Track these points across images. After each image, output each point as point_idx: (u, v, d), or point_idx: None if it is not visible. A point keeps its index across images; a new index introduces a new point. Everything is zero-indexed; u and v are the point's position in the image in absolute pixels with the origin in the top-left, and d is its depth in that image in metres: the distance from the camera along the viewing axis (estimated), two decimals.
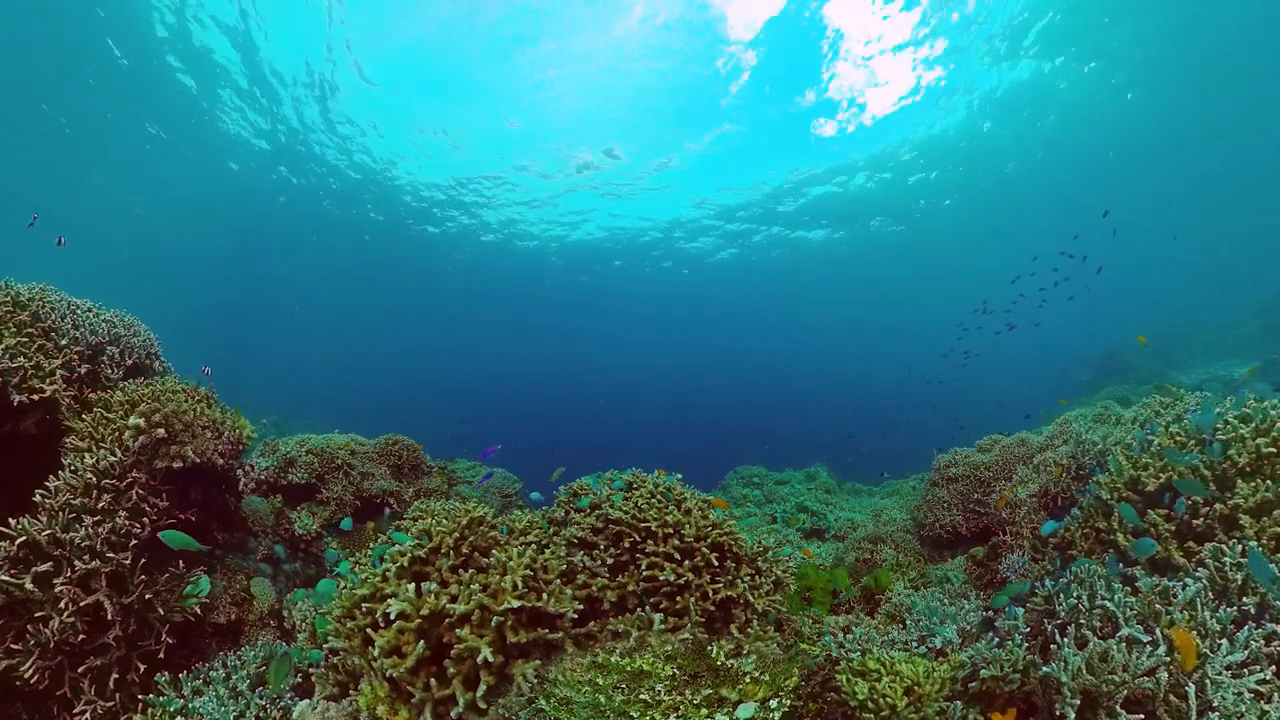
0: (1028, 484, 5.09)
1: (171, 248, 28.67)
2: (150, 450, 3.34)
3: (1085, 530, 3.37)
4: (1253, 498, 2.74)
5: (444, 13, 14.31)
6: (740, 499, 9.73)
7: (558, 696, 2.22)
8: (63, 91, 16.73)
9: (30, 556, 2.82)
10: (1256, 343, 18.24)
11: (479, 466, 7.37)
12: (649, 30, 14.82)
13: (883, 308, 39.81)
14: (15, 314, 3.48)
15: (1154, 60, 15.74)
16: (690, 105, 17.57)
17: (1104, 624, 2.37)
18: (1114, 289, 30.69)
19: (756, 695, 2.10)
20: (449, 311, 42.32)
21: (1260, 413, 3.04)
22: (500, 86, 16.81)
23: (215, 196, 23.02)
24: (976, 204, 23.54)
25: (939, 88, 16.63)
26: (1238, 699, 1.99)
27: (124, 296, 4.68)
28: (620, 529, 3.13)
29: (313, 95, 17.10)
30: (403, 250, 28.72)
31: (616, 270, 31.50)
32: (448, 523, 2.96)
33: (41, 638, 2.72)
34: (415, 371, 69.33)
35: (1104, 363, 21.18)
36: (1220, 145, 19.62)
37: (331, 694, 2.78)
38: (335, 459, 5.35)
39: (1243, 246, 28.02)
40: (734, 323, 43.88)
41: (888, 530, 6.29)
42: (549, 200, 23.51)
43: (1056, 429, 5.76)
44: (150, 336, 4.32)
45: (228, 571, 3.96)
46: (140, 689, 3.00)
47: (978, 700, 2.41)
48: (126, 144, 19.35)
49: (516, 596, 2.58)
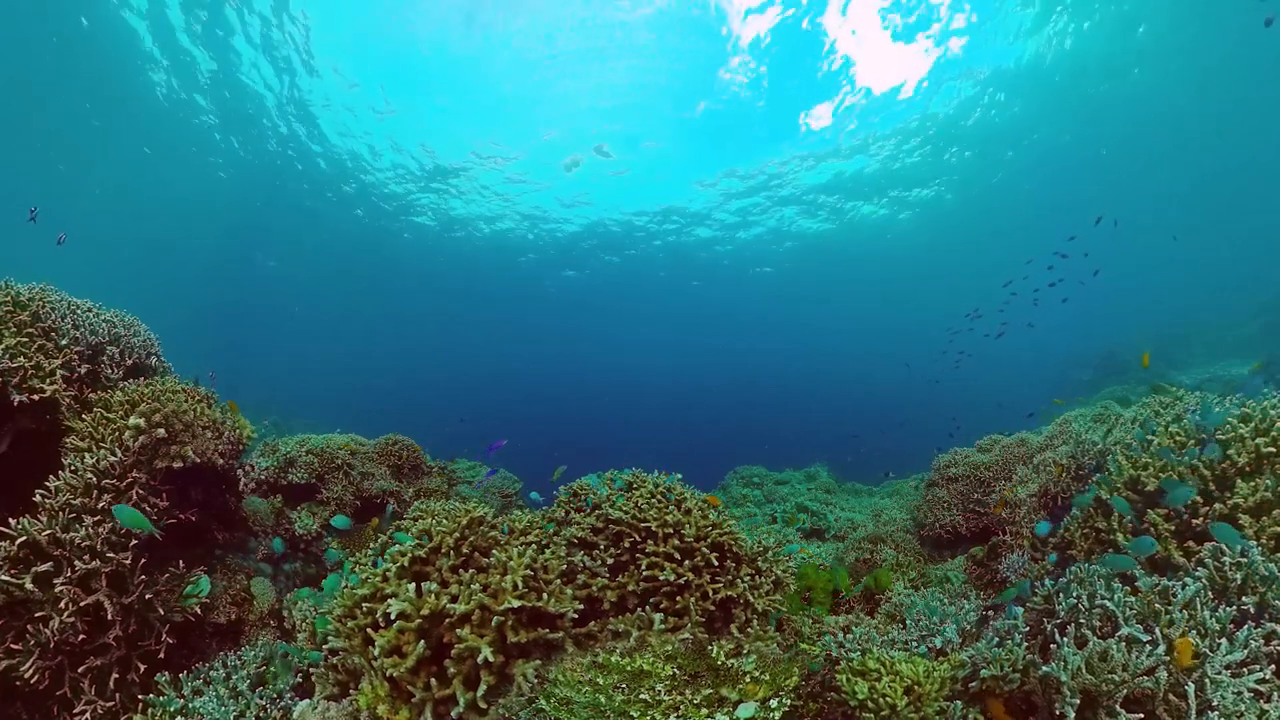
0: (1028, 484, 5.09)
1: (172, 248, 28.67)
2: (150, 450, 3.34)
3: (1085, 530, 3.37)
4: (1252, 497, 2.74)
5: (445, 14, 14.34)
6: (740, 499, 9.73)
7: (558, 696, 2.22)
8: (62, 92, 16.75)
9: (30, 556, 2.82)
10: (1256, 343, 18.23)
11: (479, 466, 7.37)
12: (644, 18, 14.78)
13: (883, 307, 39.80)
14: (15, 314, 3.48)
15: (1154, 61, 15.75)
16: (685, 100, 17.57)
17: (1104, 623, 2.37)
18: (1114, 289, 30.69)
19: (757, 695, 2.10)
20: (449, 311, 42.33)
21: (1260, 412, 3.04)
22: (499, 86, 16.82)
23: (215, 196, 23.03)
24: (976, 201, 23.51)
25: (940, 78, 16.57)
26: (1237, 698, 1.99)
27: (124, 296, 4.68)
28: (620, 529, 3.13)
29: (303, 95, 17.11)
30: (401, 250, 28.73)
31: (614, 267, 31.50)
32: (448, 523, 2.96)
33: (41, 638, 2.72)
34: (415, 371, 69.29)
35: (1104, 363, 21.17)
36: (1220, 145, 19.62)
37: (331, 694, 2.78)
38: (335, 459, 5.35)
39: (1243, 246, 28.01)
40: (734, 323, 43.86)
41: (888, 530, 6.30)
42: (546, 198, 23.52)
43: (1056, 429, 5.76)
44: (150, 336, 4.32)
45: (228, 571, 3.96)
46: (140, 689, 3.00)
47: (978, 700, 2.41)
48: (127, 144, 19.37)
49: (517, 596, 2.58)
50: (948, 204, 23.92)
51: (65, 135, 18.69)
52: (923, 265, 30.30)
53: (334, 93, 16.97)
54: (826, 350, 56.79)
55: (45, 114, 17.53)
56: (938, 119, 18.42)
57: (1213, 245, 28.34)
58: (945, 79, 16.51)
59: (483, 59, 15.89)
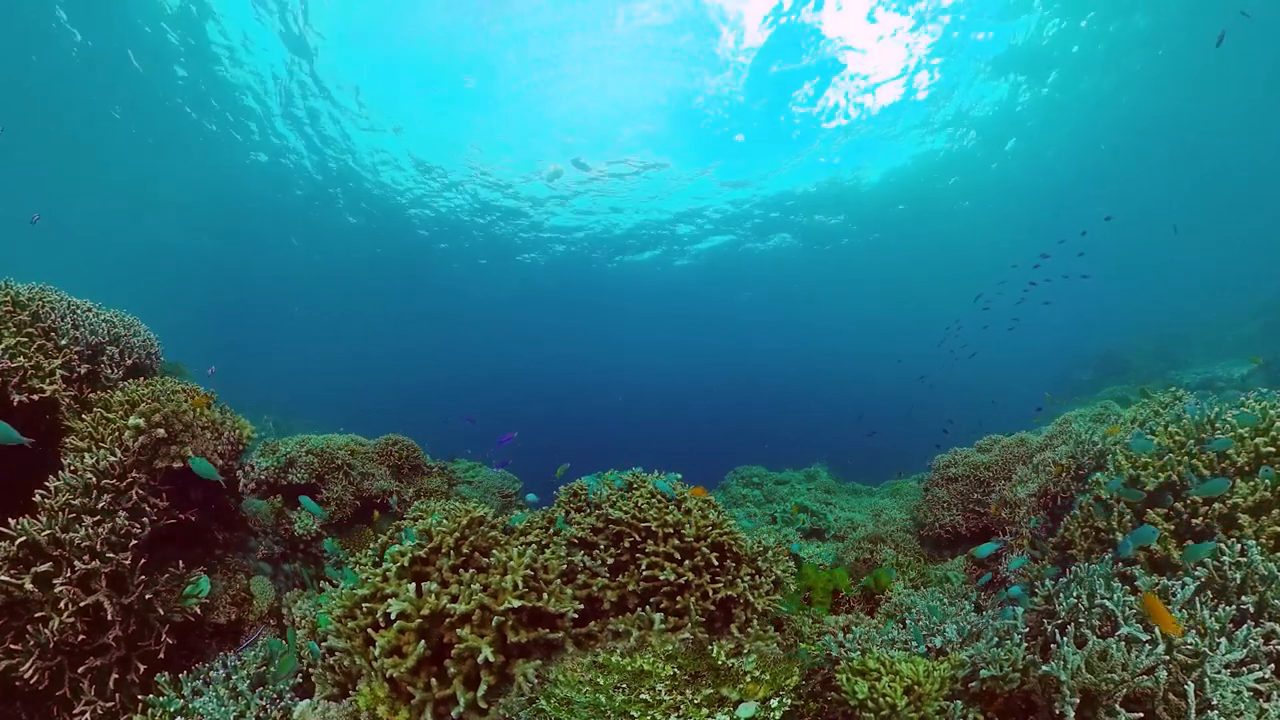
0: (1027, 484, 5.09)
1: (172, 248, 28.67)
2: (150, 450, 3.34)
3: (1085, 530, 3.37)
4: (1251, 496, 2.74)
5: (446, 15, 14.34)
6: (740, 499, 9.73)
7: (558, 696, 2.22)
8: (62, 93, 16.75)
9: (30, 557, 2.82)
10: (1256, 343, 18.24)
11: (479, 467, 7.37)
12: (645, 28, 14.81)
13: (883, 307, 39.83)
14: (15, 314, 3.48)
15: (1154, 59, 15.75)
16: (686, 105, 17.57)
17: (1103, 623, 2.37)
18: (1114, 289, 30.68)
19: (757, 694, 2.10)
20: (448, 312, 42.35)
21: (1259, 412, 3.04)
22: (496, 86, 16.83)
23: (215, 196, 23.04)
24: (977, 196, 23.49)
25: (936, 81, 16.58)
26: (1236, 697, 2.00)
27: (124, 296, 4.68)
28: (620, 529, 3.13)
29: (308, 96, 17.12)
30: (401, 251, 28.73)
31: (612, 269, 31.53)
32: (448, 523, 2.96)
33: (41, 638, 2.72)
34: (415, 371, 69.32)
35: (1104, 363, 21.19)
36: (1220, 145, 19.63)
37: (331, 694, 2.78)
38: (335, 459, 5.35)
39: (1243, 246, 28.02)
40: (734, 323, 43.89)
41: (887, 530, 6.30)
42: (544, 201, 23.55)
43: (1056, 429, 5.76)
44: (150, 336, 4.32)
45: (227, 571, 3.96)
46: (140, 689, 3.00)
47: (978, 700, 2.41)
48: (126, 143, 19.37)
49: (517, 596, 2.58)
50: (949, 201, 23.92)
51: (69, 134, 18.68)
52: (924, 264, 30.34)
53: (334, 93, 16.99)
54: (827, 350, 56.84)
55: (46, 115, 17.52)
56: (937, 119, 18.44)
57: (1213, 245, 28.36)
58: (945, 72, 16.49)
59: (483, 60, 15.90)
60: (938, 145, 20.12)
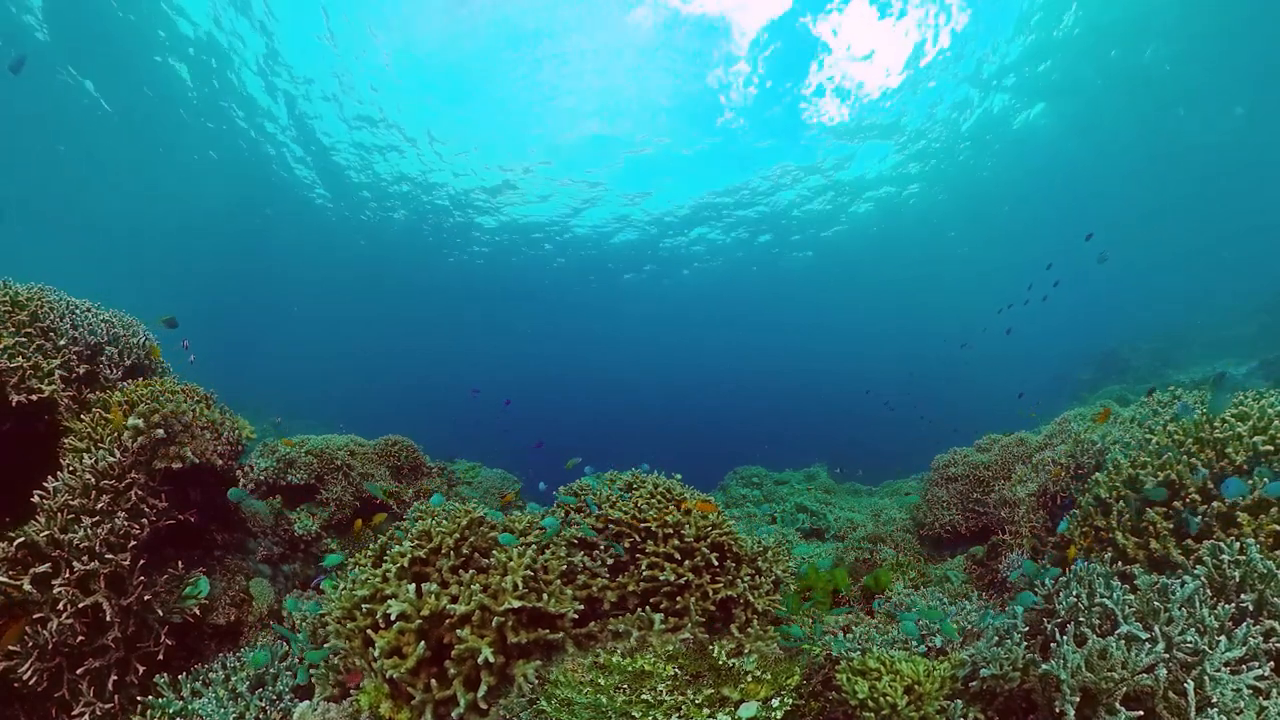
0: (1027, 483, 5.09)
1: (172, 247, 28.67)
2: (149, 451, 3.34)
3: (1084, 529, 3.37)
4: (1250, 495, 2.74)
5: (447, 17, 14.36)
6: (740, 499, 9.72)
7: (559, 697, 2.21)
8: (62, 92, 16.74)
9: (28, 558, 2.81)
10: (1256, 343, 18.25)
11: (479, 467, 7.36)
12: (647, 30, 14.85)
13: (884, 307, 39.82)
14: (13, 314, 3.47)
15: (1153, 60, 15.76)
16: (685, 105, 17.59)
17: (1103, 621, 2.37)
18: (1113, 288, 30.68)
19: (758, 694, 2.10)
20: (448, 312, 42.35)
21: (1258, 411, 3.04)
22: (497, 88, 16.83)
23: (216, 196, 23.03)
24: (977, 193, 23.50)
25: (931, 85, 16.62)
26: (1236, 695, 2.00)
27: (124, 296, 4.67)
28: (620, 529, 3.13)
29: (315, 97, 17.12)
30: (401, 251, 28.73)
31: (611, 270, 31.52)
32: (448, 523, 2.95)
33: (40, 639, 2.71)
34: (415, 371, 69.31)
35: (1104, 362, 21.20)
36: (1220, 145, 19.63)
37: (332, 694, 2.77)
38: (335, 460, 5.35)
39: (1242, 247, 28.03)
40: (733, 323, 43.90)
41: (887, 530, 6.30)
42: (548, 200, 23.54)
43: (1055, 428, 5.76)
44: (150, 337, 4.31)
45: (227, 572, 3.96)
46: (139, 690, 2.99)
47: (978, 699, 2.41)
48: (126, 144, 19.35)
49: (517, 597, 2.58)
50: (944, 201, 23.94)
51: (72, 134, 18.66)
52: (924, 264, 30.32)
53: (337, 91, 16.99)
54: (827, 350, 56.84)
55: (48, 113, 17.50)
56: (935, 118, 18.45)
57: (1212, 245, 28.37)
58: (942, 75, 16.52)
59: (486, 59, 15.91)
60: (935, 150, 20.17)
